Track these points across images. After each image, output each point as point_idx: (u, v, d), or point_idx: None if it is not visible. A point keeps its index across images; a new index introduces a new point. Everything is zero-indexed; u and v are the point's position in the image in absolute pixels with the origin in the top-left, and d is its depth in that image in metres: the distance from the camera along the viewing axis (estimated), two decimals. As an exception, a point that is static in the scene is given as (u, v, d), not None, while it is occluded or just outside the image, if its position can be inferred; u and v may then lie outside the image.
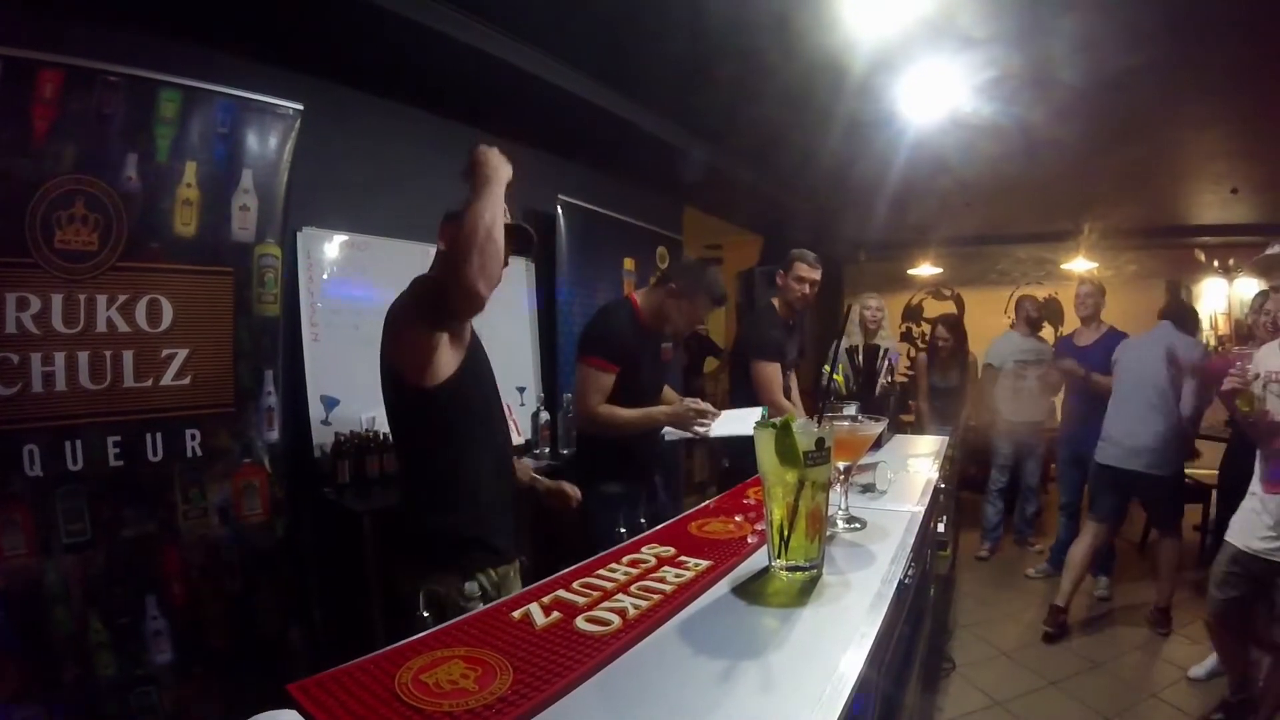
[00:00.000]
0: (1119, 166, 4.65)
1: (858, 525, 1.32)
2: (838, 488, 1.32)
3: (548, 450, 3.58)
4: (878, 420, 1.36)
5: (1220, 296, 7.01)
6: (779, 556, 1.02)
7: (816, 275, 3.30)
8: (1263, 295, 2.47)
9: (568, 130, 1.07)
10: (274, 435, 2.50)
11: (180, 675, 2.21)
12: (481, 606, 0.94)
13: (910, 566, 1.14)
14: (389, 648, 0.77)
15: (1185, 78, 3.27)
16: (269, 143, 2.47)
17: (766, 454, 0.99)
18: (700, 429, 2.41)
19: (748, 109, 3.74)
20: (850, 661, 0.76)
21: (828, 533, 1.07)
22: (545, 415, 3.62)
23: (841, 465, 1.29)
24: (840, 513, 1.33)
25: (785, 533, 0.99)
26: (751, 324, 3.49)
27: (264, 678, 2.38)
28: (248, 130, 2.41)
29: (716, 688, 0.70)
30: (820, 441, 0.98)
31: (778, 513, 1.00)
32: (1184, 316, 3.74)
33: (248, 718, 0.64)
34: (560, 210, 3.88)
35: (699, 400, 2.47)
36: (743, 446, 1.29)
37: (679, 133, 4.12)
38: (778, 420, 1.00)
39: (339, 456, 2.74)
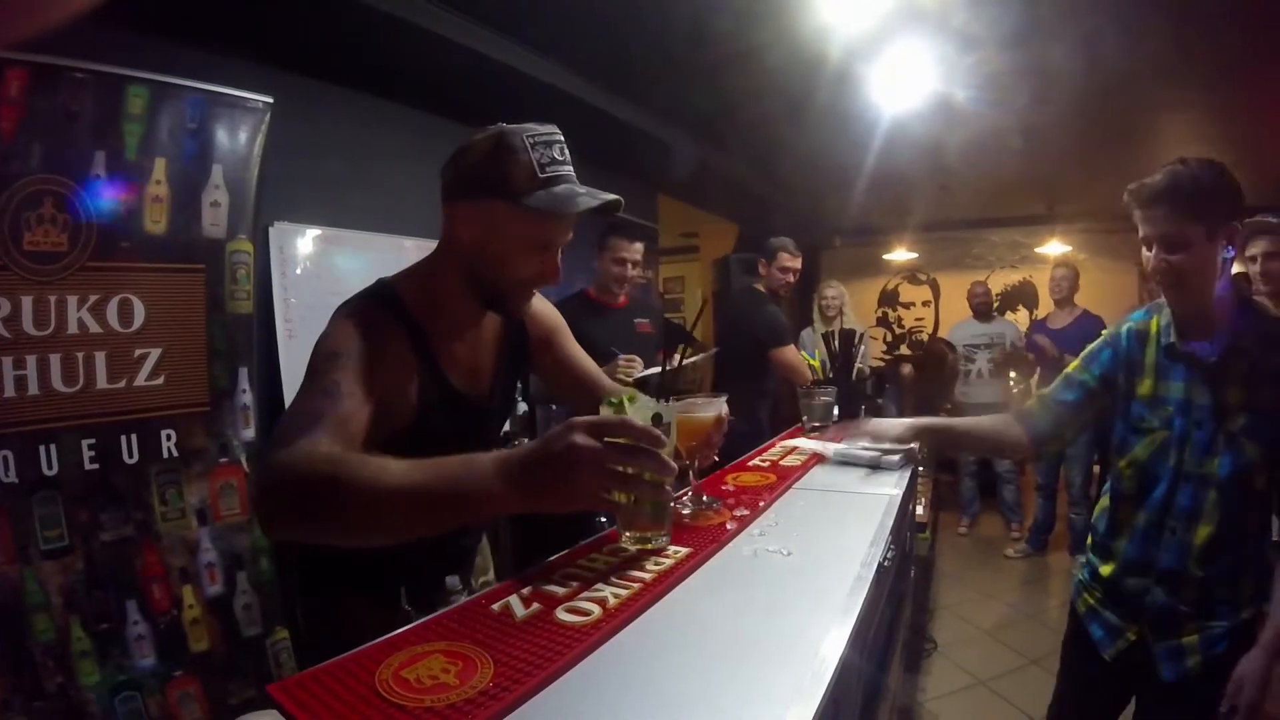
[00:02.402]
0: (1092, 150, 4.69)
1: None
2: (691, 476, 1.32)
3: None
4: (718, 397, 1.31)
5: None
6: (627, 529, 1.08)
7: (798, 264, 3.50)
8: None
9: (538, 118, 1.07)
10: (250, 434, 2.48)
11: (164, 680, 2.19)
12: (465, 598, 0.94)
13: (889, 549, 1.15)
14: (369, 644, 0.77)
15: (1159, 62, 3.30)
16: (239, 137, 2.43)
17: None
18: (624, 377, 2.51)
19: (723, 96, 3.73)
20: (832, 644, 0.76)
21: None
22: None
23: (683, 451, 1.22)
24: None
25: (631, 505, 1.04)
26: (757, 313, 3.50)
27: (249, 679, 2.37)
28: (217, 125, 2.38)
29: (698, 674, 0.71)
30: (657, 417, 1.00)
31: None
32: None
33: (231, 720, 0.64)
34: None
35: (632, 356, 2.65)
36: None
37: (652, 120, 4.11)
38: (616, 398, 1.02)
39: (317, 453, 2.71)
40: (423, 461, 0.87)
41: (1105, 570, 1.68)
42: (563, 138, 1.20)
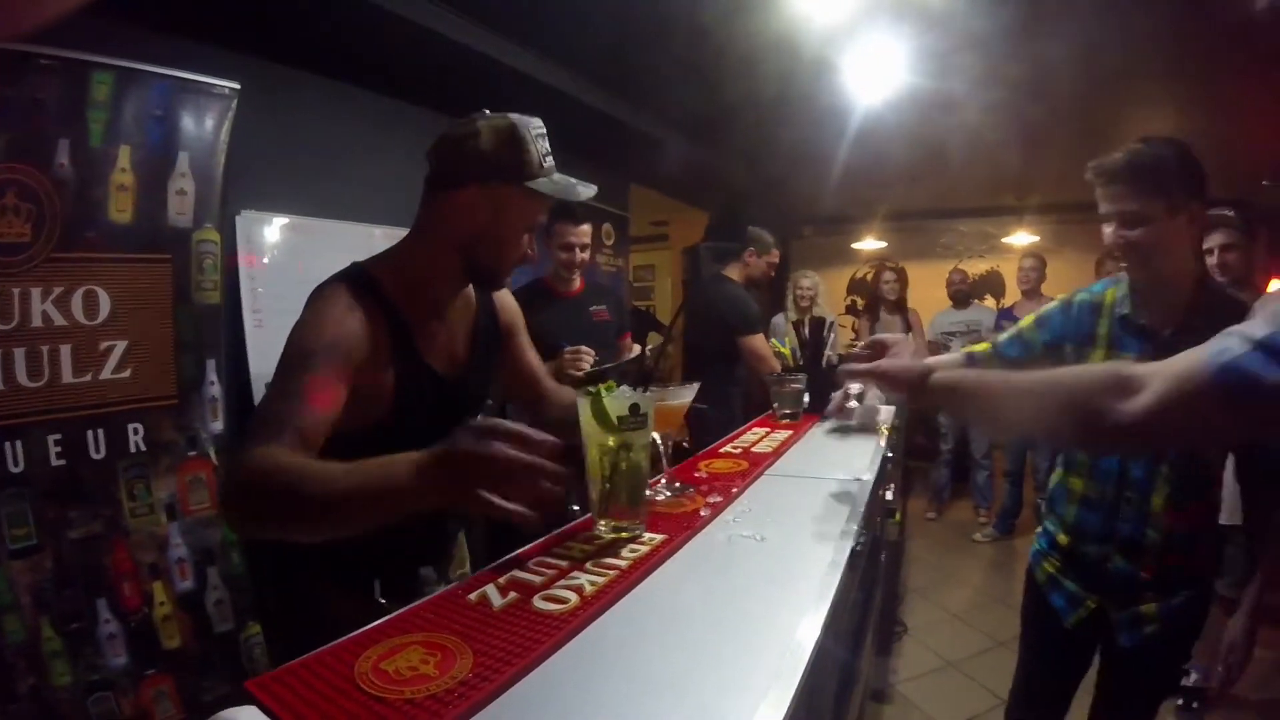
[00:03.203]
0: (1063, 142, 4.74)
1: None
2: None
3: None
4: (689, 387, 1.38)
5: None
6: (602, 517, 1.08)
7: (777, 258, 3.57)
8: None
9: (508, 104, 1.06)
10: (219, 426, 2.44)
11: (137, 679, 2.16)
12: (442, 588, 0.94)
13: (861, 534, 1.17)
14: (346, 637, 0.77)
15: (1133, 58, 3.34)
16: (205, 124, 2.39)
17: (585, 419, 1.05)
18: (574, 371, 2.39)
19: (694, 85, 3.73)
20: (807, 629, 0.78)
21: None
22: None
23: (658, 436, 1.31)
24: None
25: (606, 493, 1.06)
26: (728, 300, 3.48)
27: (222, 676, 2.34)
28: (183, 112, 2.33)
29: (676, 660, 0.72)
30: (635, 407, 1.03)
31: (598, 476, 1.06)
32: None
33: (207, 717, 0.63)
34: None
35: (579, 348, 2.50)
36: None
37: (628, 109, 4.11)
38: (594, 387, 1.05)
39: (286, 445, 2.68)
40: (355, 466, 0.93)
41: (1063, 539, 1.71)
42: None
